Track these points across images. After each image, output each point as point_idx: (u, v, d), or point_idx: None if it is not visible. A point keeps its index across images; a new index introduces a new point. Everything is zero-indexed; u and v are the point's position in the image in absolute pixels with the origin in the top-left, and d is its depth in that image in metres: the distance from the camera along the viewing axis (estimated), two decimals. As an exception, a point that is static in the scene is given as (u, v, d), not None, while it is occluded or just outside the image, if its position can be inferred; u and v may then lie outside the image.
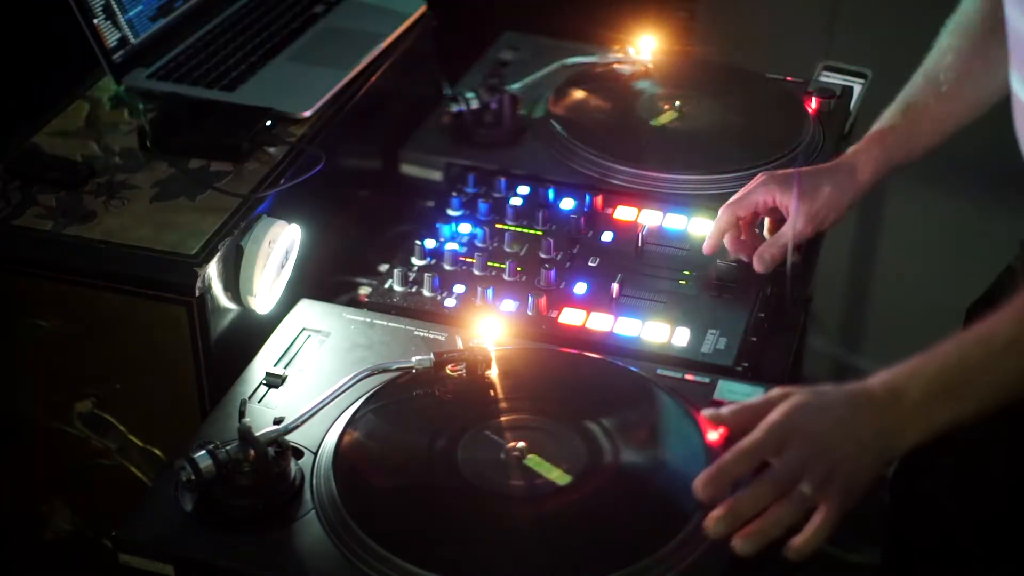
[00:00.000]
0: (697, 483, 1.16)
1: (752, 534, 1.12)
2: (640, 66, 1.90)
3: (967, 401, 1.13)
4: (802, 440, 1.14)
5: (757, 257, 1.52)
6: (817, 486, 1.11)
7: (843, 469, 1.12)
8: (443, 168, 1.75)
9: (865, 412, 1.14)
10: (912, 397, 1.13)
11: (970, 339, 1.14)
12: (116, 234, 1.46)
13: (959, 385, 1.13)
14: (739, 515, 1.12)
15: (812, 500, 1.12)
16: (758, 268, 1.52)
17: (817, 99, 1.81)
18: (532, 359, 1.40)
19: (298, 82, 1.73)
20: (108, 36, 1.69)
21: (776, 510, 1.12)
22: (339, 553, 1.17)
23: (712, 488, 1.15)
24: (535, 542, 1.19)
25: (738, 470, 1.15)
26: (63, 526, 1.61)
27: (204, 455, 1.20)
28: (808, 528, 1.12)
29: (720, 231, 1.54)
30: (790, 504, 1.12)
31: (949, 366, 1.13)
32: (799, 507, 1.12)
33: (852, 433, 1.13)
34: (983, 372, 1.13)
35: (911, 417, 1.13)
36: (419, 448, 1.27)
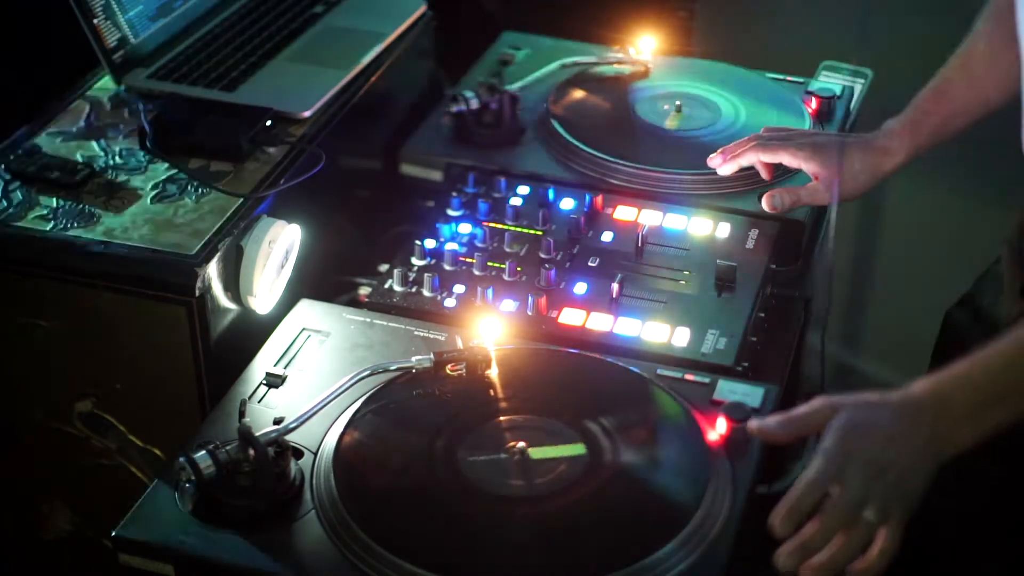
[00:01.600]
0: (774, 521, 1.15)
1: (822, 566, 1.13)
2: (640, 66, 1.90)
3: (1014, 405, 1.14)
4: (859, 466, 1.14)
5: (769, 196, 1.55)
6: (879, 509, 1.13)
7: (900, 485, 1.14)
8: (443, 168, 1.75)
9: (915, 424, 1.15)
10: (960, 404, 1.14)
11: (1014, 343, 1.15)
12: (116, 234, 1.46)
13: (1006, 390, 1.14)
14: (810, 549, 1.14)
15: (876, 526, 1.13)
16: (766, 206, 1.56)
17: (817, 99, 1.81)
18: (532, 359, 1.40)
19: (298, 82, 1.73)
20: (108, 36, 1.69)
21: (844, 540, 1.14)
22: (339, 553, 1.17)
23: (790, 524, 1.15)
24: (535, 542, 1.19)
25: (809, 502, 1.15)
26: (63, 526, 1.60)
27: (204, 455, 1.20)
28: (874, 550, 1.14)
29: (739, 164, 1.60)
30: (857, 533, 1.14)
31: (995, 371, 1.14)
32: (866, 535, 1.14)
33: (905, 448, 1.14)
34: None
35: (960, 424, 1.14)
36: (419, 448, 1.27)
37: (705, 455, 1.26)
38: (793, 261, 1.60)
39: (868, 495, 1.13)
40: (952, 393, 1.15)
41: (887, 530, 1.14)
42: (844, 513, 1.14)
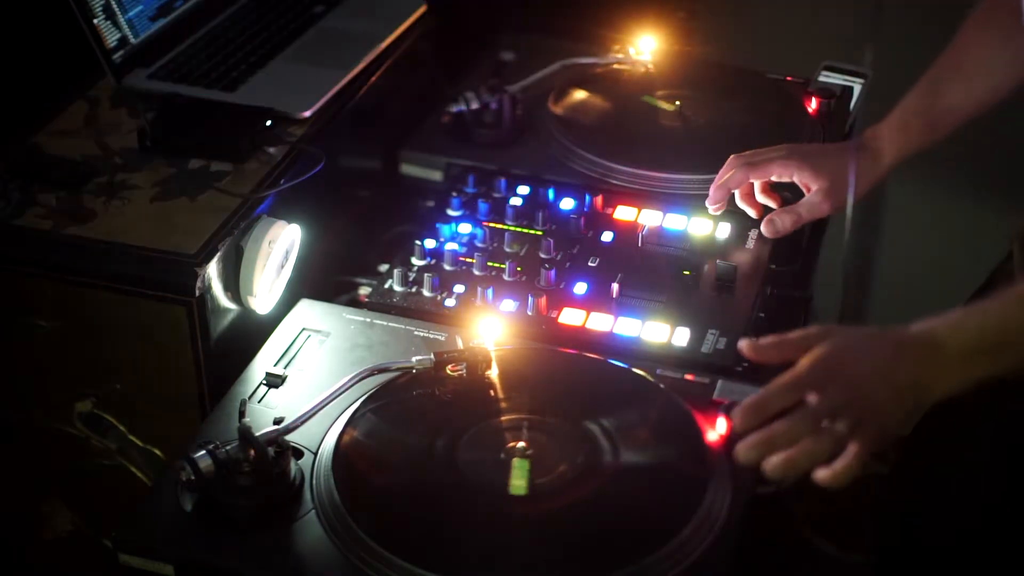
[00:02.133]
0: (737, 410, 1.17)
1: (784, 461, 1.14)
2: (640, 66, 1.90)
3: (1004, 358, 1.15)
4: (843, 382, 1.15)
5: (769, 222, 1.53)
6: (851, 426, 1.13)
7: (877, 413, 1.14)
8: (443, 168, 1.75)
9: (904, 360, 1.16)
10: (951, 350, 1.15)
11: (1012, 298, 1.16)
12: (116, 234, 1.46)
13: (997, 342, 1.15)
14: (773, 445, 1.15)
15: (845, 439, 1.13)
16: (767, 232, 1.54)
17: (817, 99, 1.81)
18: (532, 359, 1.40)
19: (298, 82, 1.73)
20: (108, 36, 1.69)
21: (809, 443, 1.14)
22: (339, 553, 1.17)
23: (752, 417, 1.17)
24: (535, 542, 1.19)
25: (780, 403, 1.16)
26: (63, 526, 1.60)
27: (204, 455, 1.20)
28: (840, 461, 1.14)
29: (727, 189, 1.57)
30: (823, 440, 1.14)
31: (989, 323, 1.15)
32: (832, 444, 1.14)
33: (890, 380, 1.15)
34: (1021, 335, 1.15)
35: (948, 369, 1.15)
36: (419, 448, 1.27)
37: (705, 455, 1.26)
38: (793, 261, 1.60)
39: (843, 410, 1.14)
40: (945, 338, 1.16)
41: (855, 447, 1.13)
42: (815, 417, 1.14)
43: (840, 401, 1.15)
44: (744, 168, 1.56)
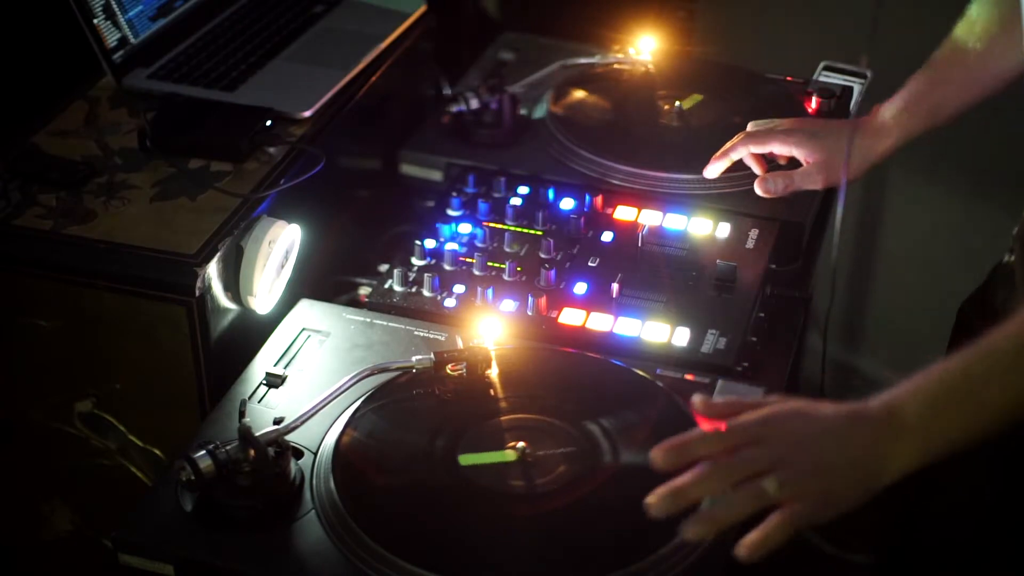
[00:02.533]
0: (656, 448, 1.06)
1: (699, 517, 1.05)
2: (640, 66, 1.90)
3: (967, 417, 1.06)
4: (783, 438, 1.06)
5: (763, 181, 1.56)
6: (785, 484, 1.03)
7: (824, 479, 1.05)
8: (443, 168, 1.75)
9: (860, 428, 1.06)
10: (911, 413, 1.05)
11: (971, 354, 1.07)
12: (116, 234, 1.46)
13: (960, 400, 1.05)
14: (683, 495, 1.05)
15: (774, 498, 1.03)
16: (760, 190, 1.57)
17: (817, 99, 1.82)
18: (532, 359, 1.40)
19: (298, 82, 1.73)
20: (108, 36, 1.69)
21: (730, 495, 1.04)
22: (339, 553, 1.17)
23: (672, 457, 1.06)
24: (535, 542, 1.19)
25: (705, 448, 1.06)
26: (63, 526, 1.61)
27: (204, 455, 1.20)
28: (763, 525, 1.03)
29: (730, 160, 1.61)
30: (747, 492, 1.03)
31: (950, 381, 1.06)
32: (756, 499, 1.03)
33: (841, 446, 1.06)
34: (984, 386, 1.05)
35: (907, 435, 1.05)
36: (419, 448, 1.27)
37: (705, 455, 1.26)
38: (793, 261, 1.60)
39: (777, 465, 1.03)
40: (904, 404, 1.06)
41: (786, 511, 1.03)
42: (742, 467, 1.04)
43: (774, 455, 1.04)
44: (745, 140, 1.61)
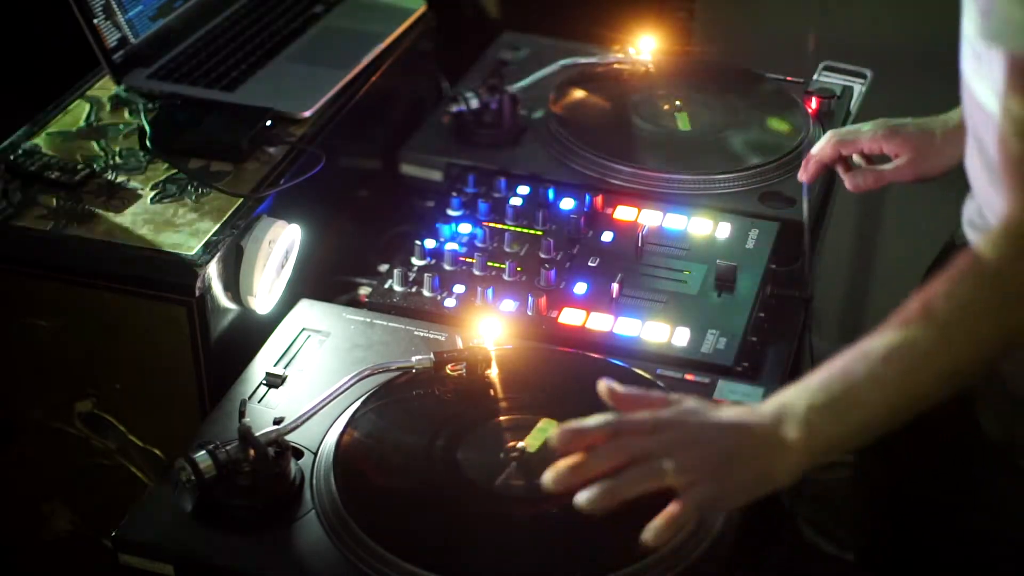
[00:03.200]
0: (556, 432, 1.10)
1: (597, 489, 1.07)
2: (640, 66, 1.90)
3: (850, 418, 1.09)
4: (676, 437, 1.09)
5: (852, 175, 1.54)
6: (679, 470, 1.07)
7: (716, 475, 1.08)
8: (443, 168, 1.75)
9: (748, 435, 1.10)
10: (798, 411, 1.09)
11: (851, 355, 1.10)
12: (116, 234, 1.46)
13: (841, 397, 1.08)
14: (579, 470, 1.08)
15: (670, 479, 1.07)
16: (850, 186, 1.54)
17: (817, 99, 1.82)
18: (532, 359, 1.40)
19: (298, 82, 1.73)
20: (108, 36, 1.69)
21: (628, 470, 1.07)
22: (339, 553, 1.17)
23: (568, 437, 1.10)
24: (535, 542, 1.19)
25: (600, 433, 1.09)
26: (63, 526, 1.61)
27: (204, 455, 1.20)
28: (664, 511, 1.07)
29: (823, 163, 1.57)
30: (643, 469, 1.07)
31: (833, 379, 1.09)
32: (653, 476, 1.07)
33: (731, 450, 1.09)
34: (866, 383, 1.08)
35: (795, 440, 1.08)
36: (419, 448, 1.27)
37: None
38: (793, 261, 1.60)
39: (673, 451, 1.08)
40: (792, 402, 1.10)
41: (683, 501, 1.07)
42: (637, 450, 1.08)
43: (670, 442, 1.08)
44: (835, 143, 1.57)
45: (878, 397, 1.08)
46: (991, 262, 1.08)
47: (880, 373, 1.08)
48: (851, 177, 1.57)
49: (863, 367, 1.08)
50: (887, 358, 1.08)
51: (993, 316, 1.07)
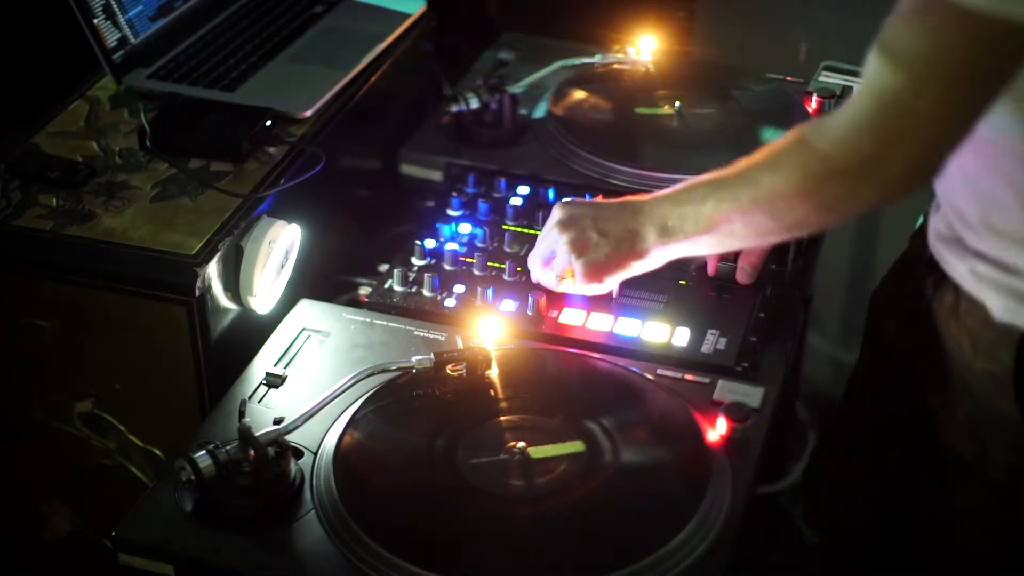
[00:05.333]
0: None
1: None
2: (640, 66, 1.90)
3: (690, 220, 1.32)
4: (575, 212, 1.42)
5: (739, 271, 1.52)
6: (571, 250, 1.40)
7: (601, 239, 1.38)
8: (443, 168, 1.75)
9: (625, 209, 1.39)
10: (659, 207, 1.35)
11: (707, 176, 1.32)
12: (116, 234, 1.46)
13: (689, 206, 1.32)
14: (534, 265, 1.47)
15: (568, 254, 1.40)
16: (742, 281, 1.53)
17: (817, 99, 1.81)
18: (532, 359, 1.40)
19: (298, 82, 1.73)
20: (108, 36, 1.69)
21: None
22: (339, 553, 1.17)
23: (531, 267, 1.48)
24: (535, 542, 1.19)
25: (539, 253, 1.46)
26: (63, 526, 1.61)
27: (204, 455, 1.20)
28: None
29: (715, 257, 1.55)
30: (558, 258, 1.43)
31: (685, 192, 1.34)
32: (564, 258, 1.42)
33: (612, 218, 1.39)
34: (704, 200, 1.31)
35: (656, 220, 1.35)
36: (419, 448, 1.27)
37: (705, 455, 1.26)
38: (793, 261, 1.60)
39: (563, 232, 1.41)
40: (658, 200, 1.36)
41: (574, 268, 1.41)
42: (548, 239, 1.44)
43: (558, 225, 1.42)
44: None
45: (712, 211, 1.30)
46: (822, 144, 1.19)
47: (721, 196, 1.29)
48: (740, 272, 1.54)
49: (708, 187, 1.32)
50: (731, 185, 1.29)
51: (802, 186, 1.21)
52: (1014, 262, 1.26)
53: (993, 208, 1.27)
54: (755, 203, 1.26)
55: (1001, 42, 1.08)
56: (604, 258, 1.39)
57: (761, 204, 1.26)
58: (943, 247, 1.35)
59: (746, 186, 1.27)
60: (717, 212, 1.29)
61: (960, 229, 1.31)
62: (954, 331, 1.33)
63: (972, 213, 1.29)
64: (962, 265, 1.31)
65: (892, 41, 1.12)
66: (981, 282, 1.29)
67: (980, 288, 1.29)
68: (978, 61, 1.10)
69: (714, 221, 1.30)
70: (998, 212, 1.26)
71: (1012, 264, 1.26)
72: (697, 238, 1.32)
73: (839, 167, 1.19)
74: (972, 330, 1.31)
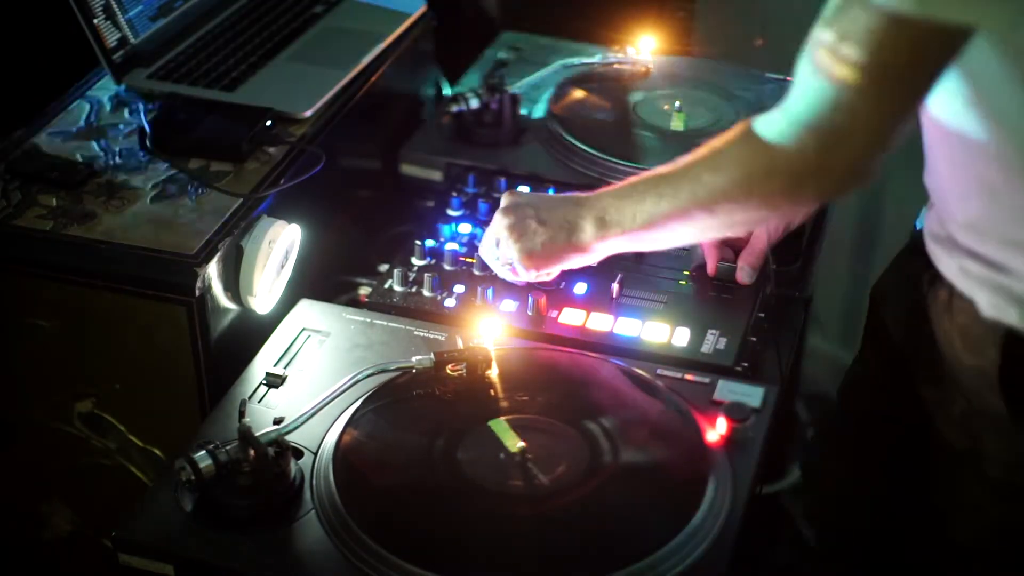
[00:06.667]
0: None
1: None
2: (640, 66, 1.90)
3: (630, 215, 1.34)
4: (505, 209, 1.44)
5: (739, 271, 1.52)
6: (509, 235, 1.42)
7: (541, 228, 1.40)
8: (443, 168, 1.75)
9: (568, 202, 1.41)
10: (603, 201, 1.37)
11: (648, 173, 1.34)
12: (116, 234, 1.46)
13: (629, 200, 1.34)
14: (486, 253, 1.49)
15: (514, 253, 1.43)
16: (742, 281, 1.52)
17: (817, 99, 1.81)
18: (532, 359, 1.40)
19: (298, 82, 1.73)
20: (108, 36, 1.69)
21: None
22: (339, 553, 1.17)
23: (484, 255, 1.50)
24: (535, 542, 1.19)
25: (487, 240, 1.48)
26: (63, 526, 1.61)
27: (204, 455, 1.20)
28: None
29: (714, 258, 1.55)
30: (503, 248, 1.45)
31: (628, 188, 1.35)
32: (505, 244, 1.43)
33: (554, 209, 1.41)
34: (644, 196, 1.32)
35: (597, 214, 1.36)
36: (419, 448, 1.27)
37: (705, 455, 1.26)
38: (793, 261, 1.60)
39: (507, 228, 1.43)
40: (602, 194, 1.38)
41: None
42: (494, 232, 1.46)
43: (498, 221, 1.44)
44: None
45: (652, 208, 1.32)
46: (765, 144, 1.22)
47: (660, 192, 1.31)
48: (740, 272, 1.53)
49: (648, 184, 1.33)
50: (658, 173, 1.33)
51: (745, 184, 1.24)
52: (999, 260, 1.27)
53: (972, 208, 1.28)
54: (695, 200, 1.28)
55: (927, 43, 1.12)
56: (540, 247, 1.41)
57: (702, 201, 1.28)
58: (936, 245, 1.35)
59: (688, 183, 1.29)
60: (657, 208, 1.31)
61: (950, 227, 1.32)
62: (946, 327, 1.34)
63: (958, 212, 1.30)
64: (953, 263, 1.32)
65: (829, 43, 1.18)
66: (970, 279, 1.30)
67: (969, 285, 1.30)
68: (910, 62, 1.13)
69: (654, 217, 1.32)
70: (977, 212, 1.27)
71: (998, 261, 1.27)
72: (636, 234, 1.35)
73: (782, 166, 1.21)
74: (962, 326, 1.32)
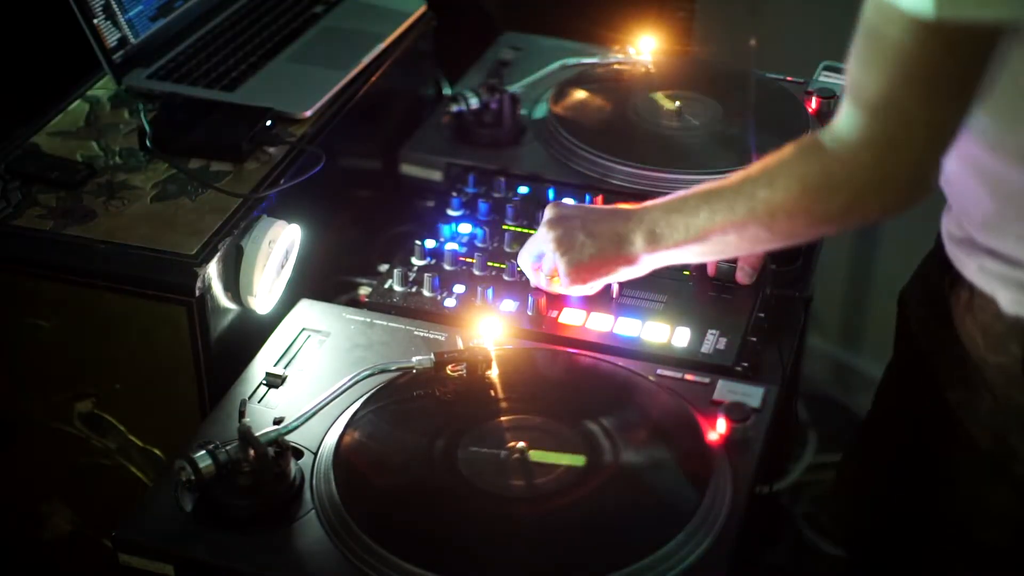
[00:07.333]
0: None
1: None
2: (640, 66, 1.90)
3: (680, 229, 1.33)
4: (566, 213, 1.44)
5: (739, 271, 1.53)
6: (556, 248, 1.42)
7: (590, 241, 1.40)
8: (443, 168, 1.75)
9: (616, 215, 1.40)
10: (650, 215, 1.37)
11: (701, 187, 1.34)
12: (116, 234, 1.46)
13: (680, 215, 1.34)
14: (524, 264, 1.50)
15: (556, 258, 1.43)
16: (742, 281, 1.53)
17: (817, 99, 1.82)
18: (532, 359, 1.40)
19: (298, 82, 1.73)
20: (108, 36, 1.69)
21: None
22: (339, 553, 1.17)
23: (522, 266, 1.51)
24: (535, 542, 1.19)
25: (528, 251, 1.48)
26: (63, 526, 1.61)
27: (204, 455, 1.20)
28: None
29: None
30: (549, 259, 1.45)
31: (679, 202, 1.35)
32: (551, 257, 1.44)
33: (602, 222, 1.41)
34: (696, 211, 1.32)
35: (645, 227, 1.36)
36: (419, 448, 1.27)
37: (705, 455, 1.26)
38: (793, 261, 1.60)
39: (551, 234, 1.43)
40: (649, 208, 1.38)
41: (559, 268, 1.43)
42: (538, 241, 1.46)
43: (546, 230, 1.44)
44: None
45: (705, 223, 1.31)
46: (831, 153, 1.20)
47: (713, 207, 1.31)
48: (740, 272, 1.54)
49: (700, 198, 1.33)
50: (709, 188, 1.32)
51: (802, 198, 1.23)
52: (1018, 257, 1.27)
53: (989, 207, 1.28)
54: (752, 215, 1.27)
55: (963, 45, 1.12)
56: (588, 259, 1.40)
57: (759, 216, 1.27)
58: (955, 247, 1.36)
59: (743, 199, 1.28)
60: (711, 223, 1.31)
61: (968, 228, 1.32)
62: (969, 327, 1.34)
63: (975, 211, 1.30)
64: (972, 262, 1.32)
65: (868, 57, 1.20)
66: (990, 277, 1.31)
67: (990, 283, 1.31)
68: (951, 66, 1.13)
69: (706, 231, 1.31)
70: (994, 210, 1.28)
71: (1017, 259, 1.27)
72: (687, 247, 1.34)
73: (841, 181, 1.20)
74: (984, 324, 1.32)
